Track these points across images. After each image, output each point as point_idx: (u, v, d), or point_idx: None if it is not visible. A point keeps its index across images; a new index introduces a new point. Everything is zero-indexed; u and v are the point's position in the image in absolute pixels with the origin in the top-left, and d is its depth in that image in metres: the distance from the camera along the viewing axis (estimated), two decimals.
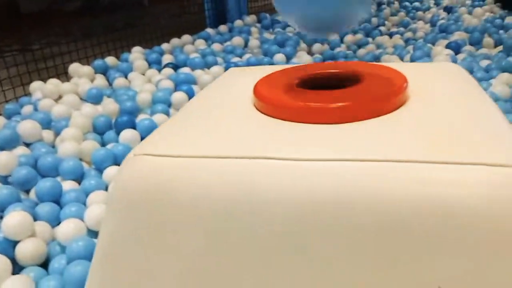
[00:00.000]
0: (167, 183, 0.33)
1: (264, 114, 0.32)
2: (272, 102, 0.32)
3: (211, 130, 0.31)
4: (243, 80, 0.39)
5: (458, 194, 0.25)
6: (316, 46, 1.98)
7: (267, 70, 0.51)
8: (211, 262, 0.31)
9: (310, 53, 1.97)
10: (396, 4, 2.86)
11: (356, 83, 0.33)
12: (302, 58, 1.77)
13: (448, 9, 2.58)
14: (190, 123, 0.34)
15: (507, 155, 0.26)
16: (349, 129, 0.30)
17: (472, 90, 0.33)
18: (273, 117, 0.32)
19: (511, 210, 0.26)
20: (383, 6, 2.79)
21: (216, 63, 1.67)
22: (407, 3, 2.86)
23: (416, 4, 2.84)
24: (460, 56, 1.56)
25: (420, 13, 2.61)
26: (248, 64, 1.66)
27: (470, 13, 2.37)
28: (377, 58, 1.84)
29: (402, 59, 1.67)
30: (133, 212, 0.36)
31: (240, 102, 0.34)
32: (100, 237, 0.40)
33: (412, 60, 1.55)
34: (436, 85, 0.34)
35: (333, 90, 0.33)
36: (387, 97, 0.29)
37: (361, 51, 1.93)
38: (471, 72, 1.37)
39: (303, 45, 2.00)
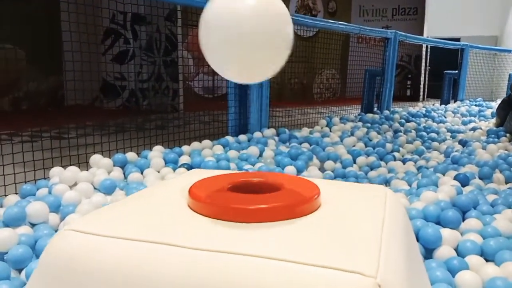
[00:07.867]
0: (84, 256, 0.40)
1: (193, 210, 0.39)
2: (200, 200, 0.38)
3: (140, 217, 0.39)
4: (197, 179, 0.46)
5: None
6: (328, 163, 2.04)
7: (224, 173, 0.58)
8: None
9: (321, 169, 2.03)
10: (413, 133, 2.96)
11: (276, 191, 0.40)
12: (312, 173, 1.83)
13: (463, 143, 2.65)
14: (128, 207, 0.40)
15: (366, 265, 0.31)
16: (254, 228, 0.36)
17: (382, 210, 0.36)
18: (199, 213, 0.39)
19: None
20: (400, 133, 2.89)
21: (228, 168, 1.74)
22: (423, 133, 2.95)
23: (433, 135, 2.93)
24: (467, 189, 1.57)
25: (435, 143, 2.69)
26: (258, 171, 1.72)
27: (484, 148, 2.42)
28: (387, 182, 1.87)
29: (410, 185, 1.69)
30: (55, 279, 0.42)
31: (178, 199, 0.41)
32: None
33: (419, 186, 1.57)
34: (351, 201, 0.38)
35: (255, 195, 0.39)
36: (295, 204, 0.35)
37: (372, 173, 1.98)
38: (475, 205, 1.38)
39: (315, 161, 2.07)
